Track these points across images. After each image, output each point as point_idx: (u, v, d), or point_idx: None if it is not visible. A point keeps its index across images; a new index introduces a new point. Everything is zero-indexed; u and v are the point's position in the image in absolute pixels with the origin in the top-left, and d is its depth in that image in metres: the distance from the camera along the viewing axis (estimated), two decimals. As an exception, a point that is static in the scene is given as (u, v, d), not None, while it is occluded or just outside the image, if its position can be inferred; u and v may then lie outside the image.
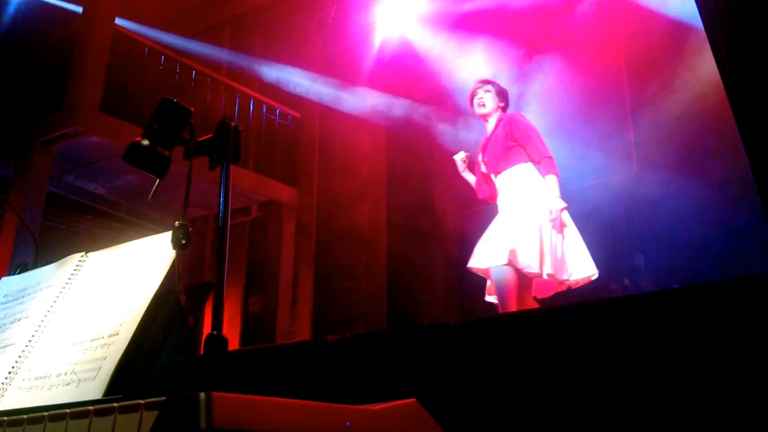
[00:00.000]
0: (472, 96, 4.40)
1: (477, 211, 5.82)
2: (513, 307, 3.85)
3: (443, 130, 7.50)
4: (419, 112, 7.58)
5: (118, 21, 7.22)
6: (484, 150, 4.28)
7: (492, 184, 4.32)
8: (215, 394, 1.02)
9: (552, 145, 5.57)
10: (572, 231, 4.05)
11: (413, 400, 1.27)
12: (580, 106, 6.75)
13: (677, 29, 6.23)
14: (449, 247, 7.26)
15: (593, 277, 4.01)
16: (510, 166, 4.14)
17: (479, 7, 7.06)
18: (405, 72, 7.71)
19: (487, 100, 4.33)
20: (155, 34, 8.33)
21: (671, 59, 6.34)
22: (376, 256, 7.89)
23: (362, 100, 8.09)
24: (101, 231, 8.04)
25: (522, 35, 6.76)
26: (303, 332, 7.83)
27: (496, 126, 4.26)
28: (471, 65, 6.80)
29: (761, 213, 5.61)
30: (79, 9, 7.24)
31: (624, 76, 7.06)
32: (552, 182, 3.99)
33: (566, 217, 4.05)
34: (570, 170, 6.69)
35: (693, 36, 6.02)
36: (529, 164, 4.14)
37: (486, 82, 4.42)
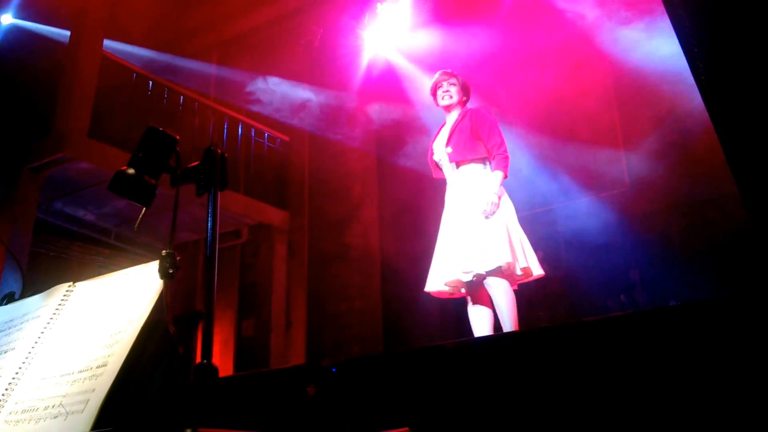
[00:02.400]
0: (436, 87, 4.43)
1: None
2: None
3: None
4: (409, 132, 7.60)
5: (106, 45, 7.25)
6: (449, 139, 4.23)
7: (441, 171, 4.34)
8: (201, 430, 1.02)
9: (543, 162, 5.61)
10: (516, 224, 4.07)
11: (406, 429, 1.27)
12: (570, 123, 6.79)
13: (668, 44, 6.28)
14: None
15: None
16: (472, 160, 4.13)
17: (462, 29, 7.12)
18: (392, 93, 7.75)
19: (453, 92, 4.36)
20: (143, 58, 8.37)
21: (660, 74, 6.39)
22: (369, 277, 7.87)
23: (351, 122, 8.12)
24: (90, 257, 8.01)
25: (510, 53, 6.81)
26: (297, 355, 7.79)
27: (463, 117, 4.26)
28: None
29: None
30: (67, 36, 7.27)
31: (612, 92, 7.10)
32: (497, 178, 4.02)
33: (508, 210, 4.06)
34: (562, 187, 6.73)
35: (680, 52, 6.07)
36: (486, 165, 4.15)
37: (451, 75, 4.43)
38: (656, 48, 6.27)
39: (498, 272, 3.84)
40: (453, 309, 7.11)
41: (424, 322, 7.30)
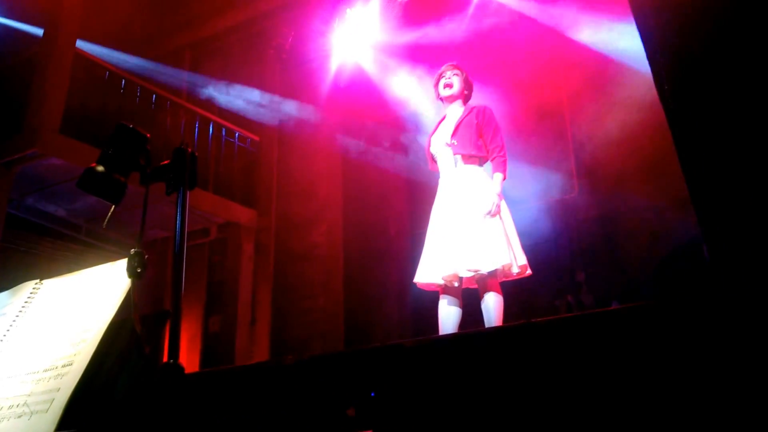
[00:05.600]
0: (440, 77, 4.27)
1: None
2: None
3: (396, 153, 7.51)
4: (373, 136, 7.58)
5: (79, 44, 7.07)
6: (454, 132, 4.07)
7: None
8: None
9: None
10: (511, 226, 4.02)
11: (370, 431, 1.22)
12: (522, 129, 6.81)
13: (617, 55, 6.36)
14: (403, 267, 7.24)
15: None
16: (473, 156, 4.03)
17: (426, 37, 7.12)
18: (360, 98, 7.71)
19: (455, 82, 4.21)
20: (116, 57, 8.20)
21: (610, 84, 6.45)
22: (332, 276, 7.82)
23: (319, 125, 8.06)
24: (60, 253, 7.79)
25: (472, 59, 6.81)
26: (261, 351, 7.69)
27: (469, 112, 4.12)
28: (419, 91, 6.85)
29: (694, 234, 5.75)
30: (40, 32, 7.06)
31: (564, 100, 7.15)
32: (498, 180, 3.95)
33: (505, 211, 4.01)
34: (514, 191, 6.76)
35: (636, 63, 6.15)
36: (482, 166, 4.07)
37: (455, 66, 4.29)
38: (609, 60, 6.34)
39: (497, 272, 3.80)
40: (411, 307, 7.11)
41: (384, 320, 7.27)
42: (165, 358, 1.45)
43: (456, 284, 3.95)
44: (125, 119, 1.66)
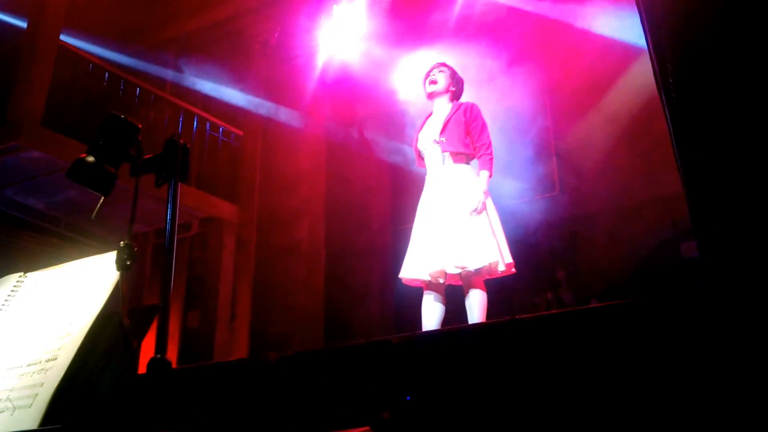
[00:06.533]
0: (427, 74, 4.29)
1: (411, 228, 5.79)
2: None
3: (380, 149, 7.49)
4: (358, 131, 7.56)
5: (63, 37, 6.96)
6: (443, 129, 4.05)
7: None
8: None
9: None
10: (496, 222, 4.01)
11: (367, 428, 1.19)
12: (504, 129, 6.82)
13: (599, 58, 6.38)
14: (385, 263, 7.22)
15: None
16: (461, 154, 4.01)
17: (413, 33, 7.10)
18: (346, 93, 7.68)
19: (440, 78, 4.21)
20: (100, 50, 8.09)
21: (593, 85, 6.48)
22: (314, 272, 7.77)
23: (303, 120, 8.01)
24: (40, 247, 7.66)
25: (450, 59, 6.80)
26: (241, 348, 7.62)
27: (457, 110, 4.11)
28: (406, 87, 6.84)
29: (672, 233, 5.79)
30: (24, 23, 6.95)
31: (547, 100, 7.17)
32: (484, 177, 3.94)
33: (492, 209, 4.01)
34: (496, 190, 6.77)
35: (615, 64, 6.18)
36: (470, 164, 4.07)
37: (442, 64, 4.31)
38: (593, 59, 6.36)
39: (483, 270, 3.79)
40: (392, 304, 7.09)
41: (365, 317, 7.26)
42: (149, 353, 1.41)
43: (441, 281, 3.95)
44: (112, 112, 1.62)
